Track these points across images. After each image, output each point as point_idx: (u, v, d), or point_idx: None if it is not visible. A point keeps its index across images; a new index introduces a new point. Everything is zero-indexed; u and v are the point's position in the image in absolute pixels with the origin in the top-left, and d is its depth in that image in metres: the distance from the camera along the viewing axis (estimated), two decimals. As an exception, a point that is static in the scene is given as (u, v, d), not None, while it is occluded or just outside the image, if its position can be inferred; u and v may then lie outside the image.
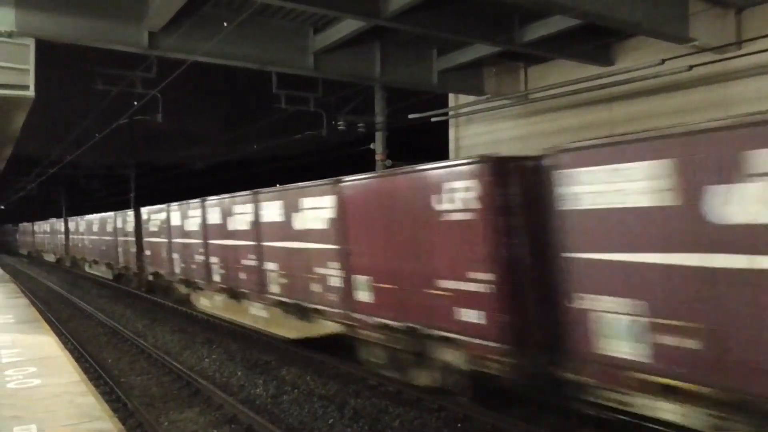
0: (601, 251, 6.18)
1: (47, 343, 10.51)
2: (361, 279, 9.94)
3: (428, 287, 8.43)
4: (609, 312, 6.17)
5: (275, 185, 13.55)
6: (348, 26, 13.35)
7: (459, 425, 8.17)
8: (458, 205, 7.90)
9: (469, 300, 7.76)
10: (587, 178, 6.32)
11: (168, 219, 19.43)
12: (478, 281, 7.61)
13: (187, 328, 16.21)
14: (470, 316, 7.77)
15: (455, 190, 7.94)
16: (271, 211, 12.78)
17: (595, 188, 6.25)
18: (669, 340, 5.69)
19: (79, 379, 8.05)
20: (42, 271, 39.97)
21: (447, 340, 8.26)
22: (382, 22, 11.93)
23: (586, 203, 6.33)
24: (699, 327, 5.48)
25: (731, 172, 5.10)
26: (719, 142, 5.23)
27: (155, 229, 20.98)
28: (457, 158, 19.73)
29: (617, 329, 6.10)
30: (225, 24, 12.11)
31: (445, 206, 8.12)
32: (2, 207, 69.26)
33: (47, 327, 12.62)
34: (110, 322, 17.27)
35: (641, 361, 5.92)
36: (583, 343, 6.43)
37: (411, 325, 8.84)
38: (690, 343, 5.53)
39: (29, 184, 47.80)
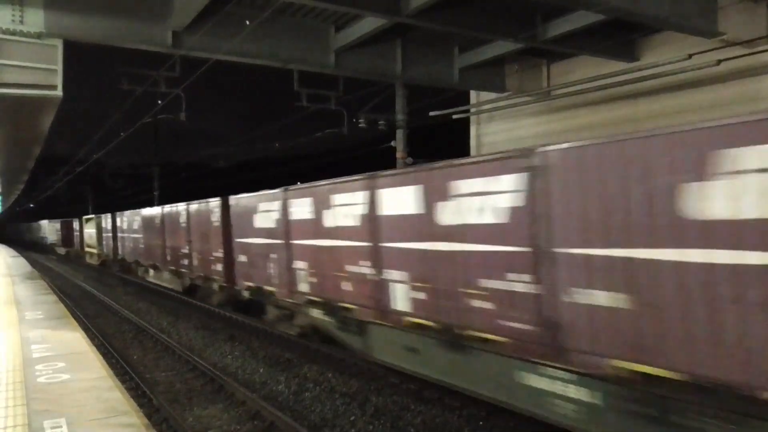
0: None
1: (75, 339, 10.70)
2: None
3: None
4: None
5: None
6: (369, 24, 13.34)
7: (481, 423, 8.13)
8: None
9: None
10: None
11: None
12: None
13: (210, 324, 16.39)
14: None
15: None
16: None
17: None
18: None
19: (106, 375, 8.18)
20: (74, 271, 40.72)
21: None
22: (403, 19, 11.89)
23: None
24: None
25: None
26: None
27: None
28: (477, 155, 19.68)
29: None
30: (247, 22, 12.19)
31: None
32: (32, 205, 70.69)
33: (75, 323, 12.86)
34: (135, 319, 17.55)
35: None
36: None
37: None
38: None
39: (56, 183, 48.70)
